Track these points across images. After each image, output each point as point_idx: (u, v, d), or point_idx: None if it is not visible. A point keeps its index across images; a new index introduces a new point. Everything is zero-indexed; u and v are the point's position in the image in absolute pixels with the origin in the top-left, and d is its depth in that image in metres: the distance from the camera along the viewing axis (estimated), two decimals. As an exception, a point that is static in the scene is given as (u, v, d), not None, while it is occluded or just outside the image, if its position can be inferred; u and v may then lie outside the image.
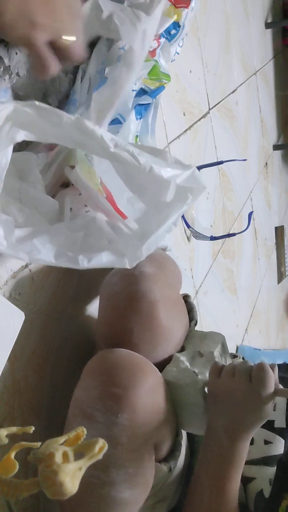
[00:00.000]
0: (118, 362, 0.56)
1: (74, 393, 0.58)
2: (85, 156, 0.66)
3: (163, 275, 0.68)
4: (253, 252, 2.02)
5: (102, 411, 0.53)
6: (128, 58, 0.68)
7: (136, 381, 0.54)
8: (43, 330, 0.69)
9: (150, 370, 0.58)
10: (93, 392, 0.54)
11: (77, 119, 0.53)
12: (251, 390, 0.58)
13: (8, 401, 0.63)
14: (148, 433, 0.55)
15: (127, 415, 0.52)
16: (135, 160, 0.56)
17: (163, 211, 0.60)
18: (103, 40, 0.72)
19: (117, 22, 0.67)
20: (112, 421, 0.52)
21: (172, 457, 0.63)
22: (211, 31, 1.45)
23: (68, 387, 0.75)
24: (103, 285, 0.71)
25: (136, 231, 0.63)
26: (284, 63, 2.79)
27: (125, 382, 0.54)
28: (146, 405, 0.54)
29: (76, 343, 0.77)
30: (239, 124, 1.80)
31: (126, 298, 0.64)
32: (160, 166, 0.58)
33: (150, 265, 0.67)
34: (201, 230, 1.23)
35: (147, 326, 0.63)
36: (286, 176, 2.87)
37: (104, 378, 0.55)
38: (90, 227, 0.63)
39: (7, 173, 0.53)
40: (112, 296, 0.66)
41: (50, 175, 0.66)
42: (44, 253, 0.55)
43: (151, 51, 0.80)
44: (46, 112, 0.51)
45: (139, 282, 0.64)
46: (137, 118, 0.76)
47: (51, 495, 0.33)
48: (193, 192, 0.62)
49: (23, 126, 0.52)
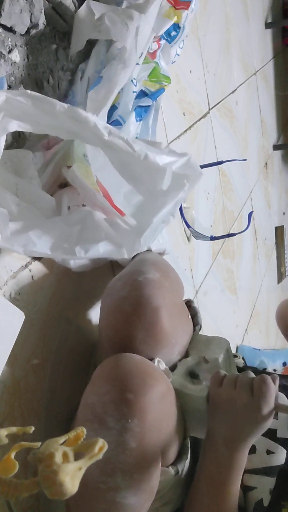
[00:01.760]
0: (130, 368, 0.56)
1: (84, 397, 0.58)
2: (83, 156, 0.66)
3: (167, 281, 0.68)
4: (253, 252, 2.02)
5: (115, 416, 0.53)
6: (121, 56, 0.68)
7: (147, 388, 0.54)
8: (43, 330, 0.69)
9: (160, 377, 0.58)
10: (106, 397, 0.54)
11: (69, 107, 0.52)
12: (252, 403, 0.59)
13: (8, 401, 0.63)
14: (156, 439, 0.55)
15: (138, 421, 0.52)
16: (130, 147, 0.55)
17: (159, 200, 0.60)
18: (102, 41, 0.73)
19: (107, 23, 0.67)
20: (123, 426, 0.52)
21: (180, 460, 0.63)
22: (211, 31, 1.45)
23: (68, 387, 0.75)
24: (107, 288, 0.71)
25: (134, 227, 0.62)
26: (284, 63, 2.79)
27: (136, 388, 0.54)
28: (156, 411, 0.55)
29: (75, 343, 0.77)
30: (239, 124, 1.80)
31: (130, 303, 0.64)
32: (155, 154, 0.57)
33: (155, 272, 0.68)
34: (201, 230, 1.23)
35: (150, 331, 0.64)
36: (286, 176, 2.87)
37: (117, 383, 0.55)
38: (87, 221, 0.62)
39: (4, 167, 0.52)
40: (117, 300, 0.66)
41: (47, 175, 0.66)
42: (40, 246, 0.55)
43: (151, 53, 0.80)
44: (38, 100, 0.51)
45: (144, 287, 0.65)
46: (137, 120, 0.76)
47: (51, 495, 0.33)
48: (189, 179, 0.61)
49: (16, 116, 0.51)
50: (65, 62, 0.72)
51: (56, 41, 0.71)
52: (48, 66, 0.70)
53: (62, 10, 0.68)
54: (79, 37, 0.70)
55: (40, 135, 0.68)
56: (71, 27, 0.71)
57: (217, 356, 0.71)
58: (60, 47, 0.71)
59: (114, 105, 0.72)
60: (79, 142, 0.67)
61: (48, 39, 0.69)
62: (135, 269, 0.69)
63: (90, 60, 0.73)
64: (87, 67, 0.73)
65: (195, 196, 1.34)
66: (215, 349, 0.73)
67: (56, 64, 0.71)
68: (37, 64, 0.67)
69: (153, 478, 0.57)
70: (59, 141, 0.68)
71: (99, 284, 0.84)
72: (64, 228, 0.59)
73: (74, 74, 0.74)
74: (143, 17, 0.67)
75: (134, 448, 0.53)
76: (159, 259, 0.77)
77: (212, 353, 0.72)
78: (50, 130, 0.55)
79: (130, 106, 0.73)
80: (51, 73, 0.70)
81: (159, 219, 0.59)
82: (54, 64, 0.71)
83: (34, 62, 0.67)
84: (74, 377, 0.77)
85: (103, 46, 0.73)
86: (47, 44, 0.69)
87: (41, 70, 0.69)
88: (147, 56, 0.77)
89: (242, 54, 1.86)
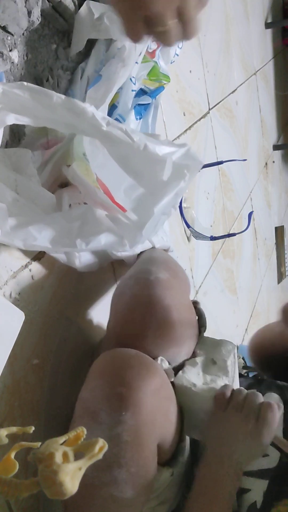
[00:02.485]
0: (124, 361, 0.56)
1: (80, 394, 0.58)
2: (83, 155, 0.66)
3: (177, 282, 0.69)
4: (253, 252, 2.02)
5: (107, 411, 0.53)
6: (121, 54, 0.68)
7: (141, 380, 0.54)
8: (43, 330, 0.69)
9: (156, 370, 0.58)
10: (99, 392, 0.54)
11: (67, 98, 0.51)
12: (255, 431, 0.60)
13: (8, 401, 0.63)
14: (152, 433, 0.55)
15: (131, 414, 0.52)
16: (129, 137, 0.55)
17: (160, 191, 0.59)
18: (102, 40, 0.73)
19: (107, 23, 0.67)
20: (116, 420, 0.52)
21: (175, 462, 0.63)
22: (211, 31, 1.45)
23: (68, 387, 0.75)
24: (118, 286, 0.71)
25: (136, 221, 0.62)
26: (284, 63, 2.79)
27: (130, 381, 0.54)
28: (151, 404, 0.54)
29: (76, 343, 0.77)
30: (239, 124, 1.80)
31: (141, 301, 0.65)
32: (154, 144, 0.57)
33: (165, 271, 0.68)
34: (201, 230, 1.23)
35: (160, 331, 0.64)
36: (286, 176, 2.87)
37: (110, 378, 0.55)
38: (87, 216, 0.62)
39: (2, 163, 0.52)
40: (128, 298, 0.67)
41: (47, 174, 0.66)
42: (40, 240, 0.55)
43: (150, 52, 0.80)
44: (35, 92, 0.50)
45: (155, 287, 0.65)
46: (136, 118, 0.76)
47: (51, 495, 0.33)
48: (190, 169, 0.61)
49: (13, 109, 0.50)
50: (65, 61, 0.72)
51: (56, 40, 0.71)
52: (48, 65, 0.70)
53: (62, 9, 0.68)
54: (79, 37, 0.70)
55: (38, 134, 0.68)
56: (71, 26, 0.71)
57: (226, 359, 0.72)
58: (60, 46, 0.71)
59: (114, 104, 0.72)
60: (79, 142, 0.67)
61: (48, 38, 0.69)
62: (146, 268, 0.69)
63: (90, 59, 0.73)
64: (87, 66, 0.73)
65: (195, 196, 1.34)
66: (223, 351, 0.74)
67: (56, 63, 0.71)
68: (36, 63, 0.67)
69: (150, 472, 0.56)
70: (58, 141, 0.68)
71: (99, 284, 0.84)
72: (64, 223, 0.58)
73: (74, 73, 0.74)
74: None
75: (129, 441, 0.52)
76: (168, 257, 0.77)
77: (220, 355, 0.73)
78: (48, 122, 0.55)
79: (129, 105, 0.73)
80: (50, 72, 0.70)
81: (160, 209, 0.59)
82: (54, 63, 0.71)
83: (34, 61, 0.67)
84: (74, 377, 0.77)
85: (103, 45, 0.73)
86: (47, 43, 0.69)
87: (41, 69, 0.68)
88: (146, 55, 0.77)
89: (242, 54, 1.85)
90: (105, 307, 0.86)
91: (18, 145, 0.66)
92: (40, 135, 0.68)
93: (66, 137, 0.68)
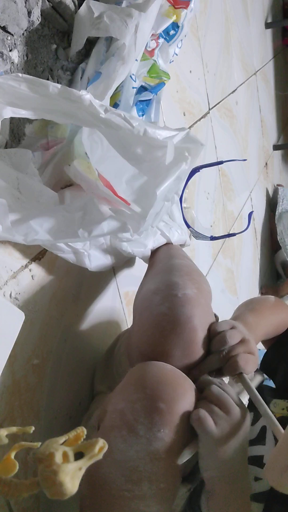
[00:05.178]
0: (162, 376, 0.56)
1: (113, 403, 0.57)
2: (85, 154, 0.66)
3: (203, 297, 0.67)
4: (253, 252, 2.02)
5: (146, 425, 0.52)
6: (121, 52, 0.68)
7: (178, 397, 0.54)
8: (43, 330, 0.69)
9: (189, 386, 0.58)
10: (137, 404, 0.54)
11: (63, 87, 0.51)
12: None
13: (8, 401, 0.63)
14: (182, 450, 0.55)
15: (168, 431, 0.52)
16: (128, 123, 0.54)
17: (162, 174, 0.58)
18: (102, 40, 0.73)
19: (107, 21, 0.67)
20: (154, 436, 0.52)
21: (194, 479, 0.63)
22: (211, 31, 1.45)
23: (68, 387, 0.75)
24: (142, 300, 0.70)
25: (139, 212, 0.61)
26: (284, 63, 2.79)
27: (168, 398, 0.53)
28: (184, 421, 0.54)
29: (76, 343, 0.77)
30: (239, 124, 1.80)
31: (170, 320, 0.63)
32: (154, 129, 0.56)
33: (191, 285, 0.67)
34: (201, 230, 1.23)
35: (187, 351, 0.63)
36: (286, 176, 2.87)
37: (149, 391, 0.54)
38: (89, 207, 0.61)
39: (4, 162, 0.51)
40: (156, 316, 0.65)
41: (47, 175, 0.66)
42: (42, 233, 0.54)
43: (149, 51, 0.80)
44: (31, 83, 0.49)
45: (184, 305, 0.64)
46: (139, 115, 0.76)
47: (51, 495, 0.33)
48: (191, 152, 0.60)
49: (10, 102, 0.50)
50: (65, 61, 0.72)
51: (55, 40, 0.71)
52: (48, 65, 0.70)
53: (62, 9, 0.68)
54: (79, 36, 0.70)
55: (38, 135, 0.68)
56: (71, 26, 0.71)
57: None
58: (60, 46, 0.71)
59: (116, 103, 0.72)
60: (80, 142, 0.67)
61: (47, 38, 0.69)
62: (171, 281, 0.68)
63: (90, 60, 0.73)
64: (87, 66, 0.73)
65: (195, 196, 1.34)
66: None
67: (56, 63, 0.71)
68: (36, 63, 0.67)
69: (176, 488, 0.57)
70: (58, 142, 0.68)
71: (99, 284, 0.84)
72: (66, 215, 0.57)
73: (74, 74, 0.74)
74: (143, 15, 0.67)
75: (163, 458, 0.52)
76: (190, 264, 0.76)
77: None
78: (45, 114, 0.54)
79: (131, 102, 0.73)
80: (50, 72, 0.70)
81: (162, 192, 0.58)
82: (54, 63, 0.71)
83: (34, 61, 0.67)
84: (74, 377, 0.77)
85: (103, 46, 0.73)
86: (47, 43, 0.69)
87: (41, 69, 0.69)
88: (145, 53, 0.77)
89: (242, 54, 1.86)
90: (106, 307, 0.87)
91: (18, 145, 0.66)
92: (40, 135, 0.68)
93: (66, 138, 0.68)
